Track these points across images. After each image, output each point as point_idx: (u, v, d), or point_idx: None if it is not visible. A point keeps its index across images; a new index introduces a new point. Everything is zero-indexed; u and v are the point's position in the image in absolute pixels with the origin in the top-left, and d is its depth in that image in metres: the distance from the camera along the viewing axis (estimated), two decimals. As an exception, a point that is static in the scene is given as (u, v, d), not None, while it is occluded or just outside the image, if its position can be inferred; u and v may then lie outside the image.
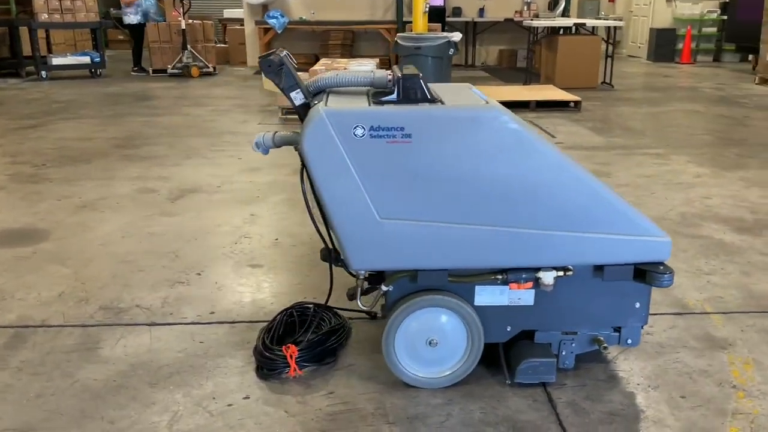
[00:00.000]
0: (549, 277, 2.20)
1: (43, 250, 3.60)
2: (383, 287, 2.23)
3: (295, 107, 2.24)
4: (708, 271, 3.25)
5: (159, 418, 2.15)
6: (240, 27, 13.51)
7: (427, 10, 8.14)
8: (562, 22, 9.98)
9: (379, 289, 2.28)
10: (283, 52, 2.24)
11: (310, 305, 2.70)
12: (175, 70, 11.43)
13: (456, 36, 7.29)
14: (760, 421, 2.12)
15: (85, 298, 3.01)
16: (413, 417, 2.15)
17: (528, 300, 2.28)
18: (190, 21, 11.70)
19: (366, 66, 7.42)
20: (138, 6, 11.49)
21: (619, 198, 2.17)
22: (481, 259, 2.17)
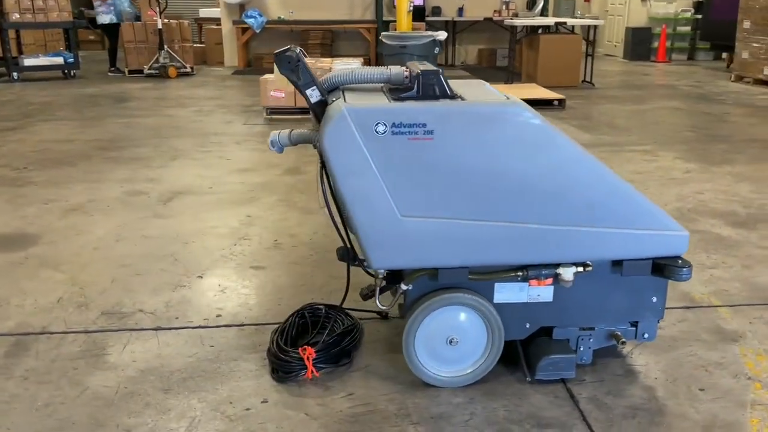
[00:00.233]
0: (569, 273, 2.19)
1: (35, 255, 3.49)
2: (403, 286, 2.20)
3: (310, 105, 2.19)
4: (710, 265, 3.28)
5: (177, 425, 2.09)
6: (216, 27, 13.34)
7: (411, 9, 8.13)
8: (543, 21, 10.05)
9: (396, 289, 2.25)
10: (297, 48, 2.20)
11: (321, 306, 2.66)
12: (152, 71, 11.23)
13: (441, 35, 7.30)
14: (779, 412, 2.14)
15: (84, 303, 2.93)
16: (437, 416, 2.12)
17: (547, 296, 2.27)
18: (166, 20, 11.52)
19: (352, 65, 7.38)
20: (111, 5, 11.27)
21: (638, 192, 2.17)
22: (502, 255, 2.16)
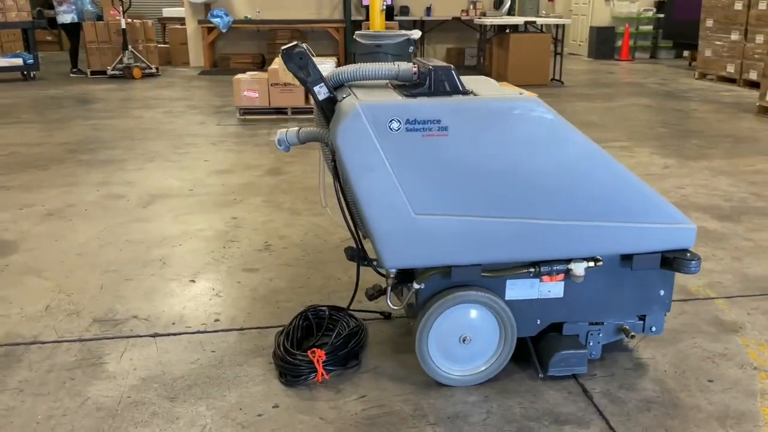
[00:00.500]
0: (580, 268, 2.19)
1: (15, 262, 3.35)
2: (415, 285, 2.17)
3: (318, 102, 2.15)
4: (702, 258, 3.32)
5: (188, 434, 2.02)
6: (181, 26, 13.09)
7: (384, 8, 8.10)
8: (513, 21, 10.13)
9: (403, 289, 2.22)
10: (304, 45, 2.15)
11: (324, 308, 2.61)
12: (116, 72, 10.97)
13: (415, 34, 7.28)
14: (787, 401, 2.18)
15: (75, 311, 2.82)
16: (454, 416, 2.10)
17: (558, 292, 2.27)
18: (130, 20, 11.25)
19: (326, 65, 7.32)
20: (72, 4, 10.96)
21: (648, 186, 2.18)
22: (516, 252, 2.14)
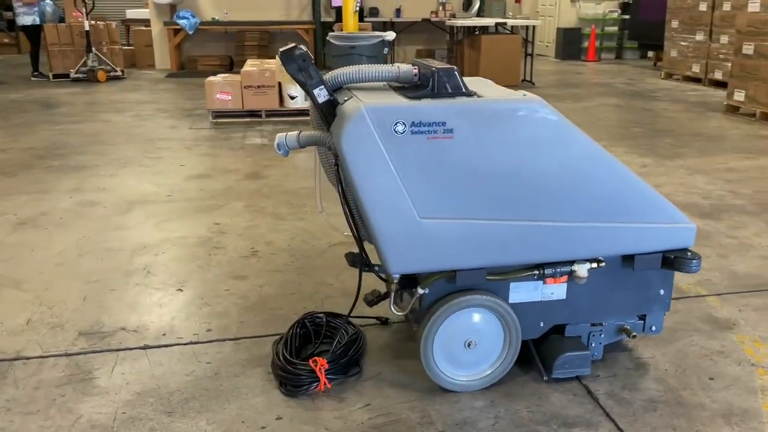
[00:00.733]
0: (583, 270, 2.18)
1: (-10, 273, 3.22)
2: (419, 290, 2.14)
3: (317, 105, 2.10)
4: (701, 257, 3.36)
5: (190, 450, 1.95)
6: (145, 28, 12.84)
7: (357, 9, 8.05)
8: (484, 22, 10.19)
9: (403, 294, 2.18)
10: (303, 47, 2.10)
11: (321, 315, 2.56)
12: (80, 75, 10.70)
13: (390, 35, 7.26)
14: (787, 396, 2.21)
15: (58, 324, 2.71)
16: (462, 422, 2.07)
17: (560, 294, 2.26)
18: (93, 22, 10.98)
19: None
20: (34, 6, 10.65)
21: (649, 186, 2.19)
22: (520, 254, 2.12)
